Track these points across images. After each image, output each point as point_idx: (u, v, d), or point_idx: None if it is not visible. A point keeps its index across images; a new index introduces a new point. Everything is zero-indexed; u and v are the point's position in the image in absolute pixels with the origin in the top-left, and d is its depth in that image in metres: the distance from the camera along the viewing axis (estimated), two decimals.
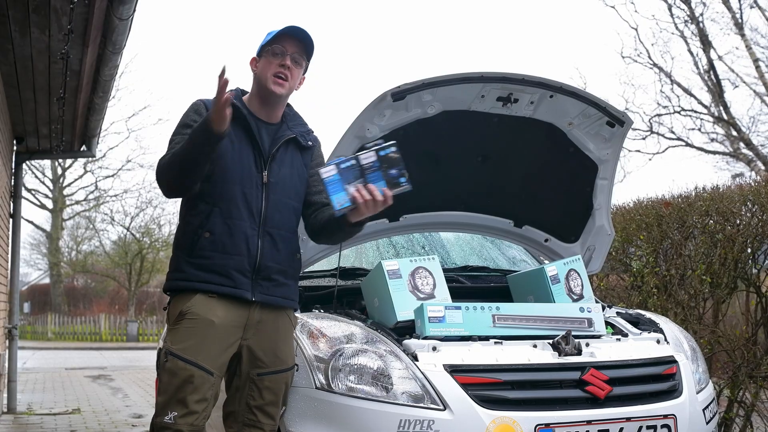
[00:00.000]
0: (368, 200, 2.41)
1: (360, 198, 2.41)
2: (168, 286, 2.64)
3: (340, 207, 2.43)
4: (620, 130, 3.42)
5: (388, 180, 2.44)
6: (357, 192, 2.41)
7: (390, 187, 2.44)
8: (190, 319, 2.52)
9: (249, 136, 2.64)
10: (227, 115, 2.34)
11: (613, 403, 2.75)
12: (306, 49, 2.66)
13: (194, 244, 2.56)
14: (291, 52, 2.62)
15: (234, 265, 2.55)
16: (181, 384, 2.45)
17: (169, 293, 2.66)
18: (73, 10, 4.44)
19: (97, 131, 7.61)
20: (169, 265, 2.67)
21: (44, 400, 8.27)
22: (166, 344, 2.54)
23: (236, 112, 2.59)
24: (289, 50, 2.62)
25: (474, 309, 2.91)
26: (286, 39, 2.62)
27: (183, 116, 2.65)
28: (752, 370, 4.36)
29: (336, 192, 2.42)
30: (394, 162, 2.43)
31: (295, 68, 2.64)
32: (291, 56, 2.62)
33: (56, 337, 25.45)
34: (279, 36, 2.62)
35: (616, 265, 5.44)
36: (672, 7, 17.50)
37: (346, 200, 2.42)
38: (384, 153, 2.43)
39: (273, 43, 2.63)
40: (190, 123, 2.58)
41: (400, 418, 2.57)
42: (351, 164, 2.43)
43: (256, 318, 2.60)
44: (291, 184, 2.68)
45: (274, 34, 2.63)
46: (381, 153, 2.43)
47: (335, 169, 2.43)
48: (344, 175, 2.43)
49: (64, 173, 28.18)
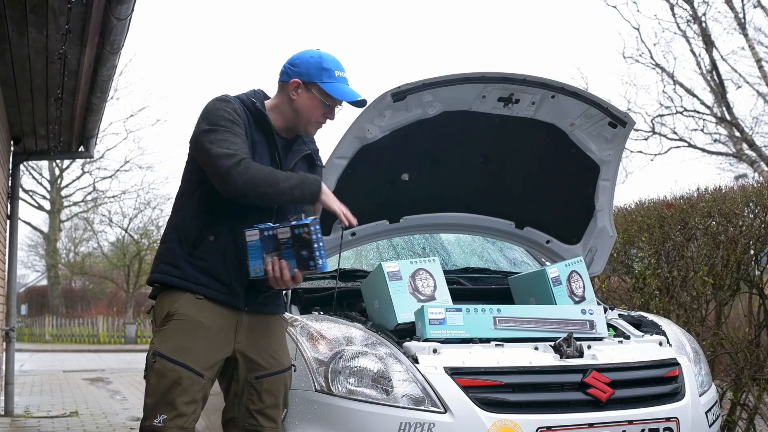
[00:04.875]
0: (277, 277, 2.40)
1: (271, 273, 2.40)
2: (159, 279, 2.54)
3: (255, 274, 2.43)
4: (622, 130, 3.41)
5: (298, 259, 2.39)
6: (271, 266, 2.40)
7: (300, 268, 2.40)
8: (177, 319, 2.47)
9: (270, 146, 2.60)
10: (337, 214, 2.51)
11: (615, 405, 2.75)
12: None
13: (197, 243, 2.51)
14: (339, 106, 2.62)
15: (234, 275, 2.51)
16: (169, 386, 2.41)
17: (157, 285, 2.56)
18: (70, 10, 4.42)
19: (95, 132, 7.60)
20: (160, 255, 2.58)
21: (42, 403, 8.24)
22: (154, 345, 2.49)
23: (262, 121, 2.57)
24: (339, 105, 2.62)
25: (475, 311, 2.90)
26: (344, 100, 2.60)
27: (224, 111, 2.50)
28: (755, 373, 4.35)
29: (254, 258, 2.41)
30: (306, 243, 2.37)
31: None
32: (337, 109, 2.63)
33: (54, 340, 25.43)
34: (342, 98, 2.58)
35: (618, 267, 5.43)
36: (674, 7, 17.49)
37: (261, 269, 2.41)
38: (298, 232, 2.38)
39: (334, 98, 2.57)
40: (237, 121, 2.49)
41: (400, 421, 2.56)
42: (271, 234, 2.40)
43: (245, 321, 2.57)
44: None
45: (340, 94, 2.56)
46: (295, 231, 2.38)
47: (258, 234, 2.41)
48: (265, 243, 2.40)
49: (62, 174, 28.22)
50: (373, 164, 3.29)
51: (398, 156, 3.38)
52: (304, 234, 2.38)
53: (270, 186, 2.41)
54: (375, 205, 3.53)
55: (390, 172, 3.46)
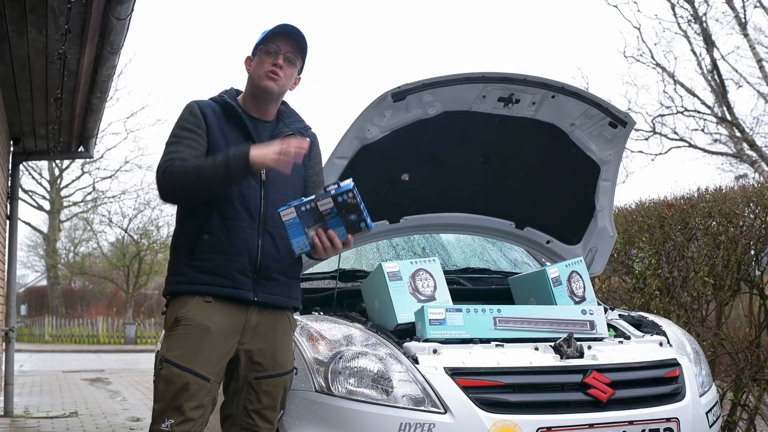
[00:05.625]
0: (328, 247, 2.44)
1: (320, 244, 2.44)
2: (168, 290, 2.61)
3: (300, 251, 2.46)
4: (623, 130, 3.40)
5: (347, 225, 2.43)
6: (317, 237, 2.43)
7: (350, 232, 2.45)
8: (185, 325, 2.49)
9: (244, 134, 2.61)
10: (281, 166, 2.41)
11: (615, 406, 2.74)
12: (300, 48, 2.65)
13: (194, 246, 2.53)
14: (284, 51, 2.61)
15: (235, 266, 2.52)
16: (177, 391, 2.43)
17: (168, 296, 2.63)
18: (70, 10, 4.42)
19: (94, 132, 7.60)
20: (168, 269, 2.64)
21: (41, 404, 8.23)
22: (162, 351, 2.51)
23: (230, 111, 2.61)
24: (282, 49, 2.61)
25: (475, 311, 2.90)
26: (280, 38, 2.61)
27: (180, 120, 2.62)
28: (756, 373, 4.35)
29: (296, 236, 2.43)
30: (352, 208, 2.41)
31: (288, 67, 2.62)
32: (284, 55, 2.61)
33: (53, 340, 25.42)
34: (272, 35, 2.61)
35: (619, 267, 5.42)
36: (675, 7, 17.48)
37: (306, 244, 2.44)
38: (342, 200, 2.41)
39: (267, 41, 2.62)
40: (189, 126, 2.56)
41: (400, 421, 2.55)
42: (310, 207, 2.42)
43: (253, 321, 2.57)
44: (290, 182, 2.64)
45: (267, 33, 2.63)
46: (339, 199, 2.41)
47: (294, 212, 2.42)
48: (304, 218, 2.42)
49: (62, 174, 28.20)
50: (373, 164, 3.28)
51: (398, 156, 3.38)
52: (350, 199, 2.40)
53: (197, 178, 2.43)
54: (375, 205, 3.51)
55: (390, 172, 3.46)
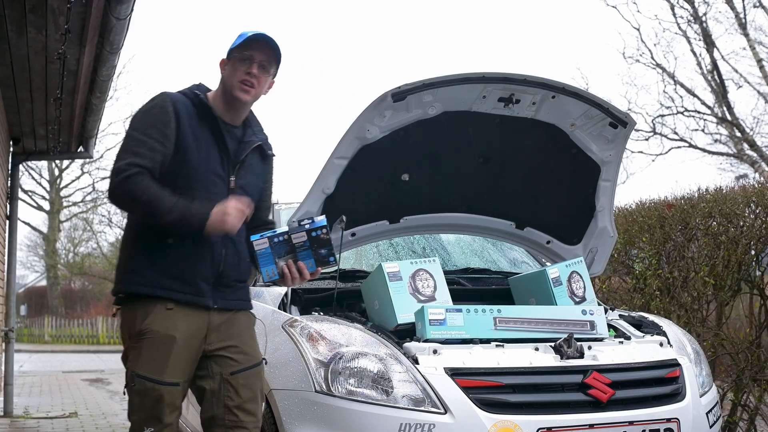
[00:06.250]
0: (296, 277, 2.54)
1: (289, 275, 2.54)
2: (125, 289, 2.50)
3: (269, 278, 2.56)
4: (623, 131, 3.40)
5: (317, 258, 2.55)
6: (287, 268, 2.53)
7: (319, 265, 2.57)
8: (150, 338, 2.46)
9: (216, 138, 2.57)
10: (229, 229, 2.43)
11: (615, 406, 2.75)
12: (274, 56, 2.60)
13: (156, 247, 2.48)
14: (259, 59, 2.56)
15: (199, 273, 2.50)
16: (152, 403, 2.45)
17: (122, 296, 2.54)
18: (70, 10, 4.41)
19: (94, 132, 7.59)
20: (121, 265, 2.56)
21: (41, 404, 8.22)
22: (130, 366, 2.49)
23: (205, 112, 2.56)
24: (256, 57, 2.56)
25: (475, 311, 2.90)
26: (254, 45, 2.56)
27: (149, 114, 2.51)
28: (756, 373, 4.34)
29: (267, 264, 2.53)
30: (324, 242, 2.54)
31: (262, 75, 2.58)
32: (258, 63, 2.56)
33: (53, 340, 25.39)
34: (247, 42, 2.55)
35: (619, 268, 5.42)
36: (675, 7, 17.44)
37: (276, 273, 2.55)
38: (315, 234, 2.54)
39: (241, 49, 2.56)
40: (159, 126, 2.49)
41: (400, 421, 2.55)
42: (283, 239, 2.53)
43: (216, 322, 2.55)
44: (253, 192, 2.64)
45: (242, 40, 2.56)
46: (312, 234, 2.54)
47: (267, 242, 2.52)
48: (276, 249, 2.53)
49: (61, 174, 28.17)
50: (373, 164, 3.28)
51: (398, 156, 3.37)
52: (323, 235, 2.54)
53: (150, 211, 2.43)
54: (375, 206, 3.52)
55: (390, 173, 3.45)
